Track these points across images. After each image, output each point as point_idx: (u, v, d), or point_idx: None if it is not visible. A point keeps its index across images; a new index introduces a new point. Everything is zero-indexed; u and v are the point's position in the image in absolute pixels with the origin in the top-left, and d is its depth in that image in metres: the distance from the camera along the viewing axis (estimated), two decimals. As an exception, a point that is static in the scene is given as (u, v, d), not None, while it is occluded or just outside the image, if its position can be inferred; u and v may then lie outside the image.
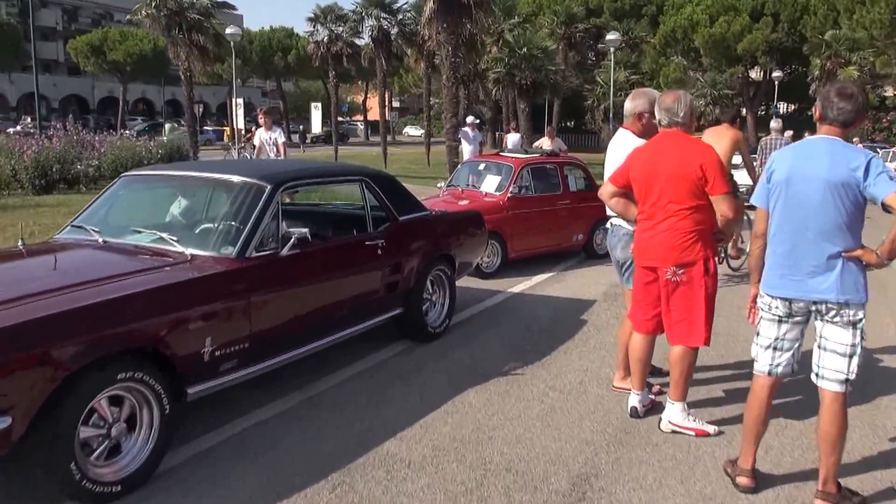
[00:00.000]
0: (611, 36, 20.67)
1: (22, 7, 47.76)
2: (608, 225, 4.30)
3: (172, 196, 4.51)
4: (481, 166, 8.53)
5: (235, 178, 4.21)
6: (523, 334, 5.46)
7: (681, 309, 3.54)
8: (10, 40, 46.19)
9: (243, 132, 41.29)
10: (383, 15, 25.46)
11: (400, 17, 25.69)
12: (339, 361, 4.71)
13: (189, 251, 3.75)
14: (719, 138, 6.51)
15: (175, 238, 3.86)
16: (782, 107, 38.49)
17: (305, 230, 4.02)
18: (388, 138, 51.18)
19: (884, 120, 31.59)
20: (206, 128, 45.97)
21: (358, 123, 60.88)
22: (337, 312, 4.39)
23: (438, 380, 4.47)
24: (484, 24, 17.88)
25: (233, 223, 3.99)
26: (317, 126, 48.08)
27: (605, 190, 3.86)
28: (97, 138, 17.48)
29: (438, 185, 8.62)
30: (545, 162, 8.32)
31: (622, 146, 3.99)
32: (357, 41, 27.85)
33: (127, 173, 4.75)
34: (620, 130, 4.15)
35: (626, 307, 4.19)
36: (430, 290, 5.34)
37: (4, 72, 48.12)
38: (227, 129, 43.93)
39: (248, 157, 22.99)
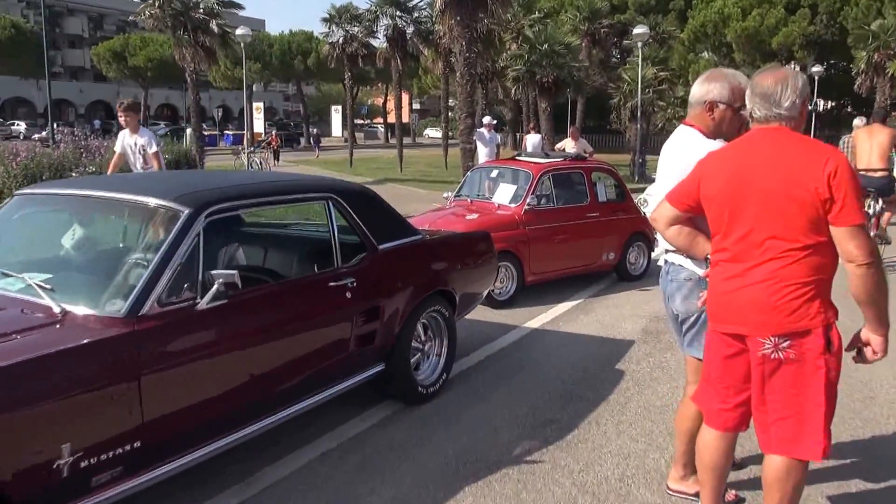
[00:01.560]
0: (638, 30, 19.27)
1: (47, 15, 47.93)
2: (661, 261, 3.07)
3: (69, 223, 3.39)
4: (494, 173, 7.32)
5: (142, 200, 3.07)
6: (542, 395, 4.23)
7: (785, 401, 2.30)
8: (36, 48, 46.41)
9: (262, 136, 40.78)
10: (398, 13, 24.33)
11: (416, 15, 24.55)
12: (296, 438, 3.54)
13: (63, 306, 2.62)
14: (873, 136, 6.79)
15: (50, 286, 2.74)
16: (821, 104, 36.62)
17: (234, 272, 2.86)
18: (409, 140, 50.74)
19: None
20: (226, 132, 45.50)
21: (378, 126, 60.00)
22: (284, 382, 3.22)
23: (426, 469, 3.27)
24: (501, 17, 16.65)
25: (128, 265, 2.85)
26: (337, 129, 47.23)
27: (661, 214, 2.64)
28: (98, 143, 16.69)
29: (445, 195, 7.43)
30: (569, 167, 7.08)
31: (685, 150, 2.75)
32: (373, 41, 26.90)
33: (21, 191, 3.63)
34: (681, 129, 2.90)
35: (689, 382, 2.96)
36: (422, 338, 4.16)
37: (31, 78, 48.17)
38: (247, 133, 43.51)
39: (259, 164, 22.23)
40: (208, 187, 3.20)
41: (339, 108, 42.99)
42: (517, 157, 7.45)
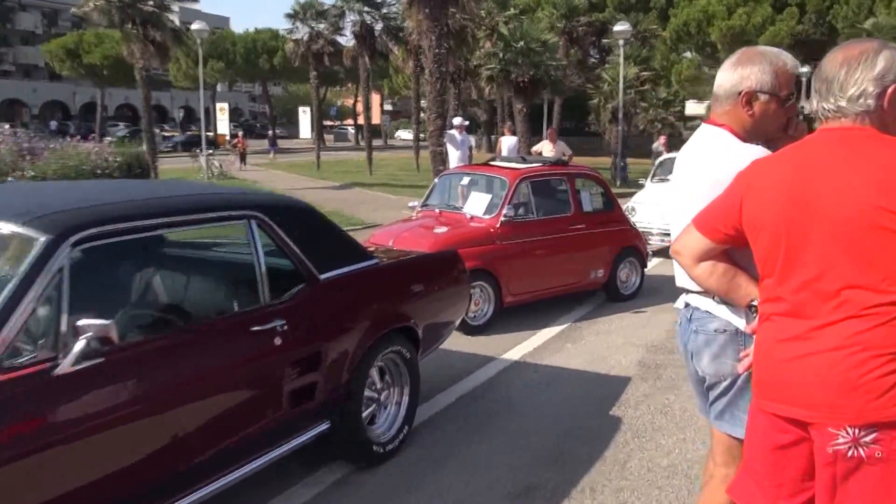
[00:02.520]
0: (619, 27, 18.64)
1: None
2: (678, 303, 2.32)
3: None
4: (466, 180, 6.57)
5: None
6: (523, 452, 3.48)
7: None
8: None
9: (227, 137, 39.55)
10: (366, 9, 23.49)
11: (384, 11, 23.74)
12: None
13: None
14: None
15: None
16: (807, 106, 36.26)
17: (108, 323, 2.08)
18: (380, 142, 49.73)
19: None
20: (189, 133, 44.12)
21: (349, 128, 58.91)
22: (189, 459, 2.43)
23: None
24: (474, 12, 15.93)
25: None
26: (306, 131, 46.05)
27: (688, 246, 1.91)
28: (43, 145, 15.64)
29: (411, 204, 6.66)
30: (550, 173, 6.36)
31: (716, 159, 2.02)
32: (340, 39, 26.07)
33: None
34: (705, 130, 2.15)
35: (717, 464, 2.22)
36: (378, 386, 3.38)
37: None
38: (211, 134, 42.44)
39: (219, 167, 21.21)
40: (82, 206, 2.39)
41: (308, 109, 41.93)
42: (492, 163, 6.70)
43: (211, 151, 21.99)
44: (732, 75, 2.04)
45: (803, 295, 1.62)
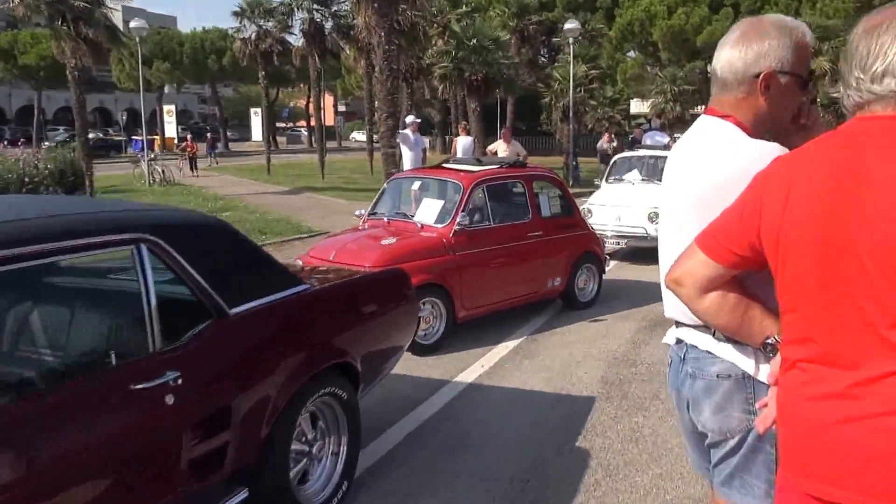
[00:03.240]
0: (569, 25, 18.40)
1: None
2: (668, 338, 1.87)
3: None
4: (416, 185, 6.09)
5: None
6: (483, 501, 3.02)
7: None
8: None
9: (175, 141, 38.09)
10: (315, 6, 22.68)
11: (334, 8, 23.02)
12: None
13: None
14: None
15: None
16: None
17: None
18: (334, 144, 48.74)
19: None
20: (134, 138, 42.40)
21: (302, 130, 57.72)
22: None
23: None
24: (425, 7, 15.45)
25: None
26: (258, 133, 44.78)
27: (690, 273, 1.46)
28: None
29: (357, 212, 6.13)
30: (507, 176, 5.92)
31: (722, 158, 1.58)
32: (289, 38, 25.24)
33: None
34: (706, 123, 1.69)
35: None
36: (309, 437, 2.87)
37: None
38: (158, 138, 41.09)
39: (162, 173, 20.20)
40: None
41: (259, 110, 40.73)
42: (445, 165, 6.22)
43: (153, 156, 20.93)
44: (745, 53, 1.58)
45: (842, 336, 1.20)
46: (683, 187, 1.67)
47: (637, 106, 36.12)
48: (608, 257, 6.58)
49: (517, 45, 24.88)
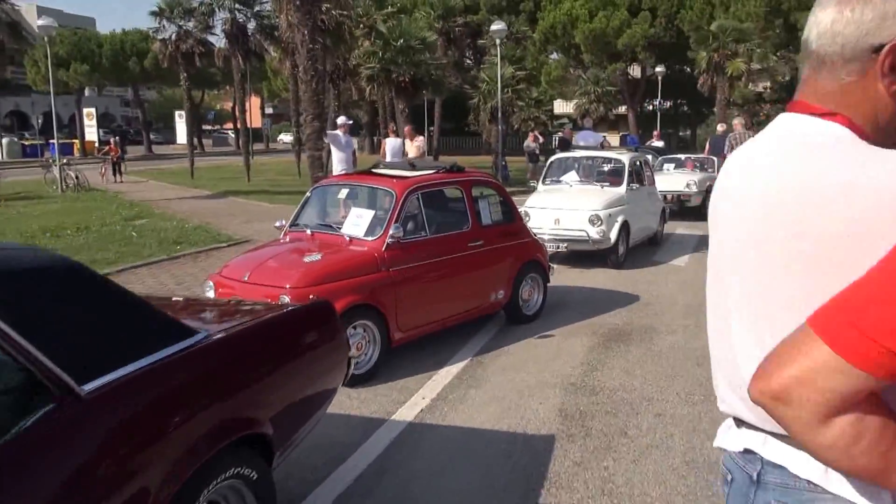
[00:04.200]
0: (496, 26, 18.10)
1: None
2: (721, 441, 1.17)
3: None
4: (343, 192, 5.49)
5: None
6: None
7: None
8: None
9: (96, 145, 35.65)
10: (237, 6, 21.62)
11: (257, 8, 22.01)
12: None
13: None
14: None
15: None
16: (667, 104, 38.01)
17: None
18: (262, 146, 46.97)
19: (761, 114, 31.54)
20: (51, 142, 39.56)
21: (229, 132, 55.65)
22: None
23: None
24: (349, 5, 14.77)
25: None
26: (182, 136, 42.86)
27: (801, 380, 0.84)
28: None
29: (277, 223, 5.47)
30: (444, 182, 5.39)
31: (844, 185, 0.93)
32: (211, 38, 24.03)
33: None
34: (792, 122, 1.07)
35: None
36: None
37: None
38: (77, 142, 38.83)
39: (76, 178, 18.66)
40: None
41: (183, 113, 38.85)
42: (375, 170, 5.64)
43: (66, 161, 19.38)
44: (860, 13, 0.97)
45: None
46: (768, 230, 1.02)
47: (561, 106, 36.54)
48: (552, 266, 6.16)
49: (444, 47, 24.55)
